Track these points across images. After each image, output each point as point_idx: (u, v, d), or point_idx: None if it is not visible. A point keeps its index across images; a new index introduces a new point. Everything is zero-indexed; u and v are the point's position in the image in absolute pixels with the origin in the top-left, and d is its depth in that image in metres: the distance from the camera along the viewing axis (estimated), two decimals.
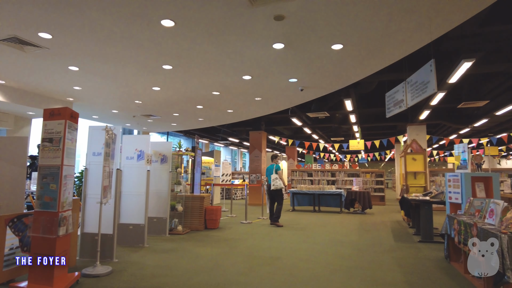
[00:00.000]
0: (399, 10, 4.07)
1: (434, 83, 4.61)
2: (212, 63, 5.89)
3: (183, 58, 5.64)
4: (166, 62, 5.84)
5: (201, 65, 6.02)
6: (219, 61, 5.78)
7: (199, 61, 5.79)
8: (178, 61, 5.79)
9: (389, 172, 30.73)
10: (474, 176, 4.91)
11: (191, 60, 5.76)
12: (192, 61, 5.81)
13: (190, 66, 6.08)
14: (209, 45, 5.09)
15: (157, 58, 5.66)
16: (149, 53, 5.43)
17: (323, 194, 10.84)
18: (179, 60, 5.77)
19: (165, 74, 6.55)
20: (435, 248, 5.49)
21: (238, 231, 7.01)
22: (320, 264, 4.47)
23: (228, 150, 27.74)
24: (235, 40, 4.91)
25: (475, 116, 11.95)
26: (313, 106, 10.77)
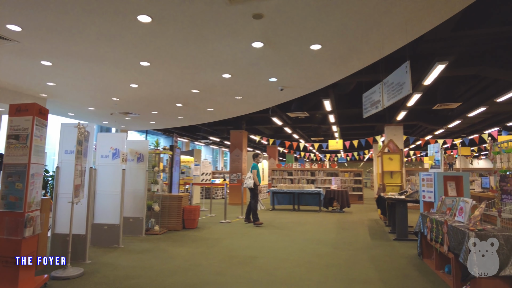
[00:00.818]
0: (377, 12, 4.14)
1: (409, 84, 4.71)
2: (191, 60, 5.81)
3: (161, 55, 5.53)
4: (144, 58, 5.72)
5: (180, 63, 5.93)
6: (198, 58, 5.71)
7: (178, 58, 5.70)
8: (156, 58, 5.68)
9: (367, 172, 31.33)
10: (446, 175, 5.05)
11: (169, 57, 5.66)
12: (170, 58, 5.71)
13: (168, 63, 5.98)
14: (188, 42, 5.02)
15: (134, 55, 5.53)
16: (126, 49, 5.29)
17: (302, 193, 10.93)
18: (157, 57, 5.66)
19: (143, 71, 6.41)
20: (409, 245, 5.62)
21: (217, 231, 6.96)
22: (297, 263, 4.49)
23: (209, 149, 27.55)
24: (214, 38, 4.86)
25: (449, 117, 12.35)
26: (293, 105, 10.83)
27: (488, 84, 8.89)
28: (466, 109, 10.58)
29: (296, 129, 16.37)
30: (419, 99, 9.63)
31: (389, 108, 11.80)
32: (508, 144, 3.77)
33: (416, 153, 23.71)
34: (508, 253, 3.03)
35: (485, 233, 3.10)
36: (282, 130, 16.52)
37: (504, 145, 3.87)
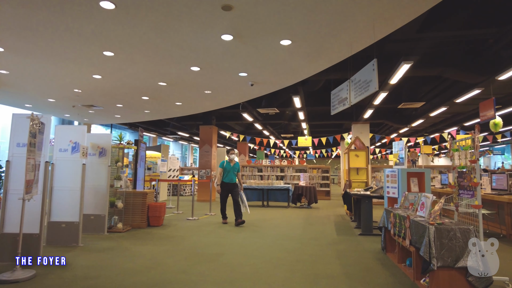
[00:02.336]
0: (346, 10, 4.15)
1: (376, 82, 4.79)
2: (158, 51, 5.59)
3: (126, 44, 5.28)
4: (107, 48, 5.43)
5: (146, 53, 5.69)
6: (165, 49, 5.51)
7: (143, 48, 5.46)
8: (121, 48, 5.41)
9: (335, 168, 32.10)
10: (409, 171, 5.21)
11: (134, 47, 5.42)
12: (136, 49, 5.47)
13: (133, 54, 5.72)
14: (154, 32, 4.81)
15: (97, 44, 5.23)
16: (88, 38, 4.99)
17: (272, 189, 10.96)
18: (121, 47, 5.39)
19: (107, 62, 6.10)
20: (373, 240, 5.76)
21: (183, 228, 6.80)
22: (264, 259, 4.46)
23: (178, 144, 27.03)
24: (182, 28, 4.69)
25: (413, 116, 12.85)
26: (264, 102, 10.81)
27: (449, 85, 9.31)
28: (428, 108, 11.04)
29: (266, 126, 16.40)
30: (385, 98, 9.92)
31: (357, 106, 12.09)
32: (466, 142, 3.93)
33: (382, 151, 24.55)
34: (464, 246, 3.15)
35: (444, 227, 3.20)
36: (253, 127, 16.48)
37: (462, 143, 4.03)
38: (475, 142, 3.62)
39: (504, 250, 5.18)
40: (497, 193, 6.41)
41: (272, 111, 11.29)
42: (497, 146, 27.61)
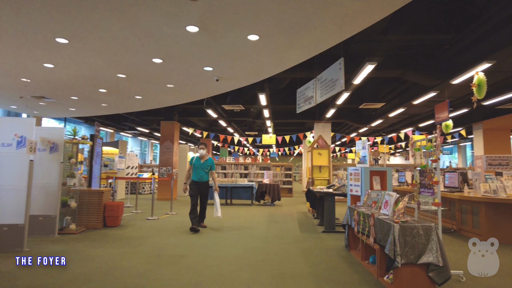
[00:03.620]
0: (313, 7, 4.11)
1: (342, 81, 4.82)
2: (117, 40, 5.22)
3: (81, 31, 4.87)
4: (60, 34, 4.98)
5: (104, 42, 5.30)
6: (125, 39, 5.16)
7: (101, 36, 5.07)
8: (76, 35, 4.99)
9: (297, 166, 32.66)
10: (372, 170, 5.32)
11: (91, 35, 5.01)
12: (92, 36, 5.06)
13: (90, 42, 5.30)
14: (112, 19, 4.47)
15: (48, 29, 4.77)
16: (38, 21, 4.53)
17: (235, 187, 10.83)
18: (77, 34, 4.96)
19: (60, 49, 5.61)
20: (336, 237, 5.84)
21: (142, 228, 6.47)
22: (228, 260, 4.32)
23: (137, 140, 26.02)
24: (144, 17, 4.41)
25: (373, 116, 13.31)
26: (229, 98, 10.63)
27: (408, 87, 9.72)
28: (387, 109, 11.48)
29: (231, 123, 16.22)
30: (347, 98, 10.15)
31: (320, 106, 12.27)
32: (427, 142, 4.06)
33: (341, 149, 25.33)
34: (426, 243, 3.24)
35: (408, 224, 3.26)
36: (217, 123, 16.22)
37: (423, 142, 4.16)
38: (436, 142, 3.74)
39: (456, 244, 5.46)
40: (449, 190, 6.77)
41: (238, 108, 11.14)
42: (446, 146, 29.60)
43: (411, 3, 4.19)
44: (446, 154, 28.78)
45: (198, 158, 6.51)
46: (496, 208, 5.69)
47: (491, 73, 7.13)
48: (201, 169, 6.43)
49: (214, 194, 6.56)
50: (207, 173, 6.52)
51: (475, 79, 5.42)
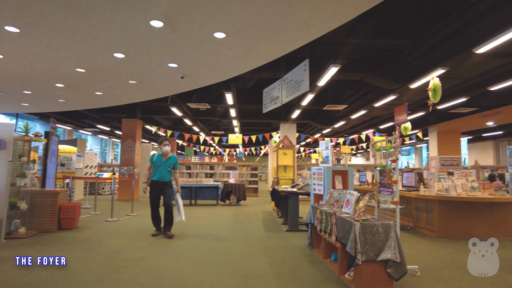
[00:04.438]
0: (280, 8, 4.13)
1: (307, 82, 4.89)
2: (75, 32, 4.93)
3: (35, 20, 4.54)
4: (11, 22, 4.60)
5: (62, 34, 4.98)
6: (84, 31, 4.88)
7: (59, 28, 4.76)
8: (29, 24, 4.63)
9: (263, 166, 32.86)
10: (334, 169, 5.44)
11: (46, 25, 4.69)
12: (48, 27, 4.74)
13: (45, 33, 4.96)
14: (70, 9, 4.21)
15: None
16: None
17: (200, 187, 10.66)
18: (31, 23, 4.62)
19: (11, 39, 5.19)
20: (300, 236, 5.91)
21: (101, 231, 6.17)
22: (191, 261, 4.23)
23: (97, 139, 24.91)
24: (105, 9, 4.19)
25: (336, 118, 13.69)
26: (195, 96, 10.44)
27: (369, 90, 10.09)
28: (350, 111, 11.84)
29: (196, 122, 15.97)
30: (312, 99, 10.34)
31: (285, 106, 12.43)
32: (386, 143, 4.21)
33: (306, 150, 25.82)
34: (385, 240, 3.35)
35: (368, 223, 3.36)
36: (182, 122, 15.91)
37: (382, 143, 4.31)
38: (395, 143, 3.89)
39: (411, 240, 5.72)
40: (406, 189, 7.10)
41: (203, 107, 10.98)
42: (405, 147, 31.14)
43: (373, 9, 4.33)
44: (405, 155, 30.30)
45: (160, 155, 5.91)
46: (448, 205, 6.04)
47: (445, 79, 7.56)
48: (163, 168, 5.81)
49: (176, 196, 5.99)
50: (170, 172, 5.92)
51: (431, 84, 5.72)
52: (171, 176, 5.95)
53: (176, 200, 5.97)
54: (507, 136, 18.16)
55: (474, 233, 6.02)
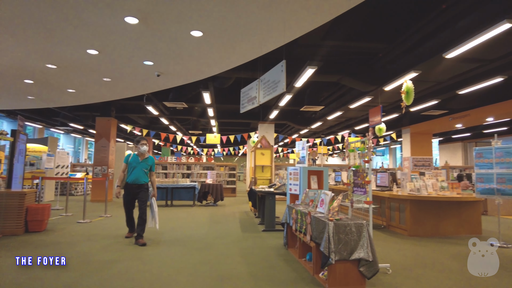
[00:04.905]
0: (257, 8, 4.13)
1: (283, 82, 4.91)
2: (47, 27, 4.74)
3: (4, 14, 4.33)
4: None
5: (32, 28, 4.78)
6: (56, 26, 4.70)
7: (29, 22, 4.57)
8: None
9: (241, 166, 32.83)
10: (310, 170, 5.50)
11: (13, 18, 4.48)
12: (15, 19, 4.53)
13: (13, 27, 4.74)
14: (44, 4, 4.05)
15: None
16: None
17: (176, 187, 10.51)
18: None
19: None
20: (276, 236, 5.94)
21: (71, 233, 5.96)
22: (164, 264, 4.15)
23: (70, 138, 24.08)
24: (78, 4, 4.05)
25: (313, 119, 13.86)
26: (171, 95, 10.28)
27: (345, 92, 10.27)
28: (326, 112, 12.02)
29: (173, 121, 15.74)
30: (289, 100, 10.42)
31: (263, 107, 12.47)
32: (360, 144, 4.29)
33: (284, 150, 26.01)
34: (358, 239, 3.41)
35: (342, 222, 3.41)
36: (158, 121, 15.61)
37: (356, 144, 4.39)
38: (369, 144, 3.97)
39: (384, 239, 5.87)
40: (380, 189, 7.28)
41: (180, 106, 10.83)
42: (379, 148, 31.96)
43: (349, 13, 4.40)
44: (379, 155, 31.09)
45: (136, 155, 5.46)
46: (419, 205, 6.23)
47: (417, 82, 7.80)
48: (139, 169, 5.37)
49: (152, 200, 5.51)
50: (146, 174, 5.48)
51: (404, 87, 5.89)
52: (147, 178, 5.51)
53: (151, 204, 5.53)
54: (475, 138, 19.00)
55: (443, 231, 6.26)
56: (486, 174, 5.73)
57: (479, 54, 6.16)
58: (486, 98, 9.81)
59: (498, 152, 5.59)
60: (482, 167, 5.83)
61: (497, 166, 5.58)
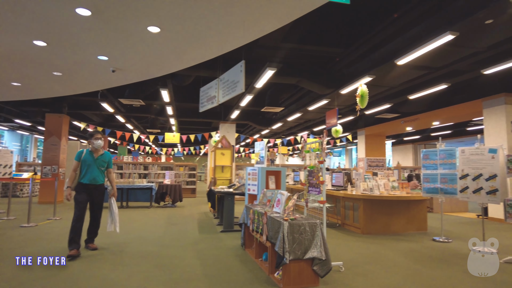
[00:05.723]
0: (218, 9, 4.09)
1: (242, 83, 4.91)
2: None
3: None
4: None
5: None
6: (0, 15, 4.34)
7: None
8: None
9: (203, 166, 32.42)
10: (268, 170, 5.55)
11: None
12: None
13: None
14: None
15: None
16: None
17: (132, 188, 10.13)
18: None
19: None
20: (234, 236, 5.92)
21: (12, 238, 5.51)
22: (115, 267, 3.97)
23: (17, 135, 22.39)
24: None
25: (273, 120, 14.02)
26: (128, 91, 9.89)
27: (304, 94, 10.50)
28: (286, 113, 12.21)
29: (130, 119, 15.17)
30: (251, 101, 10.46)
31: (225, 106, 12.42)
32: (315, 145, 4.40)
33: (246, 150, 26.08)
34: (311, 238, 3.49)
35: (296, 222, 3.47)
36: (114, 119, 14.97)
37: (312, 145, 4.49)
38: (322, 145, 4.08)
39: (339, 237, 6.07)
40: (335, 189, 7.52)
41: (137, 103, 10.45)
42: (336, 149, 33.10)
43: (308, 16, 4.50)
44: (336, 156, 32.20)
45: (89, 152, 4.79)
46: (371, 204, 6.52)
47: (372, 86, 8.18)
48: (95, 167, 4.73)
49: (111, 201, 5.00)
50: (103, 172, 4.88)
51: (359, 91, 6.13)
52: (104, 177, 4.93)
53: (111, 205, 5.00)
54: (424, 140, 20.28)
55: (394, 228, 6.59)
56: (431, 174, 6.13)
57: (427, 62, 6.58)
58: (433, 103, 10.51)
59: (442, 154, 6.00)
60: (428, 168, 6.22)
61: (441, 167, 5.99)
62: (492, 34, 5.34)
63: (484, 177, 5.07)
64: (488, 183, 5.02)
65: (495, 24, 4.97)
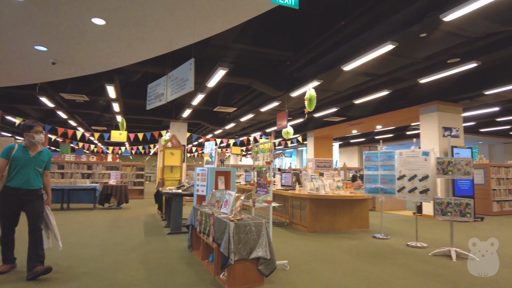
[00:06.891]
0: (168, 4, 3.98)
1: (191, 81, 4.82)
2: None
3: None
4: None
5: None
6: None
7: None
8: None
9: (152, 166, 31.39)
10: (217, 170, 5.51)
11: None
12: None
13: None
14: None
15: None
16: None
17: (74, 189, 9.49)
18: None
19: None
20: (182, 238, 5.79)
21: None
22: (50, 274, 3.68)
23: None
24: None
25: (227, 120, 13.98)
26: (70, 86, 9.26)
27: (256, 96, 10.60)
28: (239, 114, 12.25)
29: (73, 115, 14.22)
30: (203, 100, 10.33)
31: (176, 105, 12.13)
32: (265, 146, 4.46)
33: (198, 150, 25.70)
34: (257, 238, 3.52)
35: (242, 222, 3.48)
36: (55, 114, 13.94)
37: (261, 146, 4.55)
38: (270, 146, 4.14)
39: (286, 236, 6.21)
40: (284, 188, 7.69)
41: (80, 99, 9.83)
42: (288, 150, 33.90)
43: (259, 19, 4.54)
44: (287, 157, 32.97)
45: (23, 147, 3.83)
46: (317, 203, 6.76)
47: (320, 90, 8.50)
48: (30, 168, 3.78)
49: (46, 210, 3.94)
50: (40, 174, 3.92)
51: (307, 94, 6.33)
52: (41, 181, 3.94)
53: (47, 217, 3.94)
54: (368, 143, 21.52)
55: (338, 226, 6.90)
56: (372, 175, 6.51)
57: (371, 69, 6.99)
58: (376, 108, 11.18)
59: (382, 156, 6.40)
60: (370, 169, 6.60)
61: (381, 168, 6.38)
62: (427, 46, 5.82)
63: (418, 178, 5.50)
64: (421, 183, 5.45)
65: (428, 38, 5.41)
